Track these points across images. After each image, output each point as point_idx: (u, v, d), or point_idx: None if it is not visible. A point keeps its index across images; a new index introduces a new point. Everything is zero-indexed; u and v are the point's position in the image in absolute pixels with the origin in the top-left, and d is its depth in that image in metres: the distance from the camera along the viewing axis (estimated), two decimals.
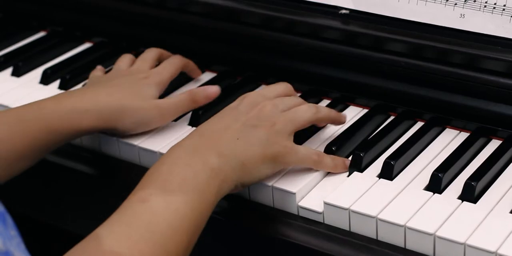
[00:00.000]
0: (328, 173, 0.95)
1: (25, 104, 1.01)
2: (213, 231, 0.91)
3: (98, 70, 1.14)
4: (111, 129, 1.02)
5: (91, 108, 0.99)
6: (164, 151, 1.00)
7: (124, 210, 0.82)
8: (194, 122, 1.07)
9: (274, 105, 0.94)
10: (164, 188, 0.83)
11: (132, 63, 1.12)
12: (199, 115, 1.06)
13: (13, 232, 0.63)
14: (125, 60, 1.13)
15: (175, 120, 1.07)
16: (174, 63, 1.10)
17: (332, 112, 0.99)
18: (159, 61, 1.13)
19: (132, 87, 1.03)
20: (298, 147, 0.93)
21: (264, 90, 0.99)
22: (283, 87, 1.00)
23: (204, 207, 0.84)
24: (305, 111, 0.95)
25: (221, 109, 0.97)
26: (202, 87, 1.07)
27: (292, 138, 0.93)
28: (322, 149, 0.98)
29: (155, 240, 0.79)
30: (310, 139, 1.02)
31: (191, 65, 1.14)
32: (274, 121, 0.92)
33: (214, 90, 1.06)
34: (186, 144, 0.90)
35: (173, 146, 0.90)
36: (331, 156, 0.96)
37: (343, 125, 1.04)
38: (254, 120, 0.92)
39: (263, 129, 0.91)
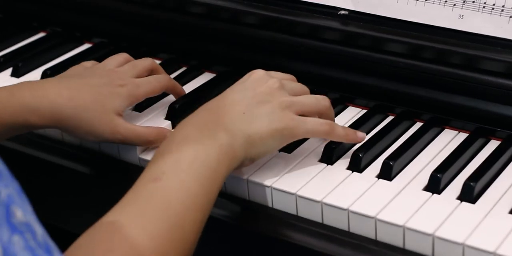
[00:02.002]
0: (328, 174, 0.95)
1: None
2: (213, 231, 0.91)
3: (89, 63, 1.09)
4: (61, 130, 1.00)
5: (44, 107, 0.96)
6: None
7: (137, 190, 0.82)
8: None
9: (281, 84, 0.94)
10: (176, 167, 0.83)
11: (124, 64, 1.08)
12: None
13: (29, 207, 0.64)
14: (117, 58, 1.08)
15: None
16: (159, 81, 1.05)
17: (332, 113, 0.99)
18: (149, 74, 1.07)
19: (98, 93, 0.99)
20: (305, 118, 0.93)
21: (271, 72, 0.98)
22: (290, 76, 1.00)
23: (215, 183, 0.85)
24: (317, 100, 0.96)
25: None
26: (169, 130, 1.03)
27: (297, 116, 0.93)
28: (321, 149, 0.98)
29: (170, 218, 0.79)
30: (310, 139, 1.01)
31: (177, 89, 1.09)
32: (282, 99, 0.92)
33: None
34: (195, 121, 0.90)
35: (182, 122, 0.90)
36: (344, 127, 0.97)
37: (342, 125, 1.03)
38: (261, 96, 0.92)
39: (270, 104, 0.91)
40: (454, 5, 1.01)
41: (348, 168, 0.96)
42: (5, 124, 0.96)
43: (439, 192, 0.91)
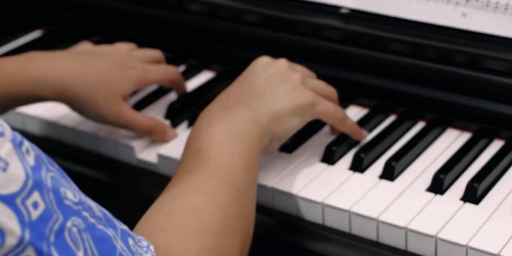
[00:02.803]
0: (328, 174, 0.95)
1: None
2: None
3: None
4: (69, 106, 1.00)
5: (54, 81, 0.97)
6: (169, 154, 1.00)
7: (183, 166, 0.83)
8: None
9: (289, 65, 0.95)
10: (212, 140, 0.84)
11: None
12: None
13: (75, 185, 0.64)
14: (126, 44, 1.10)
15: (176, 125, 1.07)
16: (168, 72, 1.06)
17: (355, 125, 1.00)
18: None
19: (109, 73, 0.99)
20: (325, 99, 0.94)
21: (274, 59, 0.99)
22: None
23: (253, 151, 0.86)
24: (329, 87, 0.97)
25: None
26: (167, 126, 1.03)
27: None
28: (322, 149, 0.98)
29: (222, 183, 0.80)
30: (311, 138, 1.01)
31: (182, 85, 1.09)
32: (296, 75, 0.93)
33: (173, 135, 1.03)
34: (218, 106, 0.90)
35: (202, 113, 0.90)
36: (354, 121, 0.98)
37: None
38: (277, 76, 0.93)
39: (288, 82, 0.92)
40: (457, 3, 1.01)
41: (350, 169, 0.96)
42: (13, 95, 0.96)
43: (442, 193, 0.90)
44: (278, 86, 0.92)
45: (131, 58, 1.04)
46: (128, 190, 0.84)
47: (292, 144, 0.98)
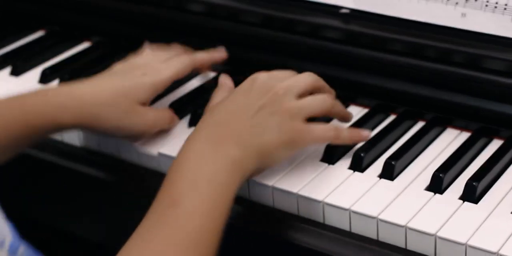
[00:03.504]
0: (329, 173, 0.95)
1: (8, 97, 0.99)
2: None
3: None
4: (92, 128, 0.99)
5: (73, 106, 0.96)
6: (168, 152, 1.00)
7: (155, 217, 0.81)
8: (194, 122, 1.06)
9: (287, 89, 0.92)
10: (192, 188, 0.83)
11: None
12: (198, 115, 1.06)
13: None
14: (148, 49, 1.09)
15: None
16: (182, 62, 1.05)
17: (344, 110, 1.00)
18: None
19: (121, 86, 0.99)
20: (313, 127, 0.92)
21: (273, 72, 0.96)
22: (291, 72, 0.98)
23: (229, 200, 0.85)
24: (323, 101, 0.94)
25: None
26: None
27: (305, 121, 0.92)
28: (322, 148, 0.98)
29: (189, 245, 0.79)
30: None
31: (205, 64, 1.09)
32: (289, 106, 0.91)
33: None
34: (205, 135, 0.88)
35: (191, 138, 0.89)
36: (348, 129, 0.97)
37: (344, 124, 1.04)
38: (268, 106, 0.91)
39: (278, 115, 0.90)
40: (457, 3, 1.01)
41: (350, 168, 0.96)
42: (33, 126, 0.96)
43: (441, 192, 0.90)
44: (269, 118, 0.90)
45: (140, 65, 1.03)
46: (129, 189, 0.84)
47: None
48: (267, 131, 0.89)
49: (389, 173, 0.94)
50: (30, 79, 1.22)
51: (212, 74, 1.18)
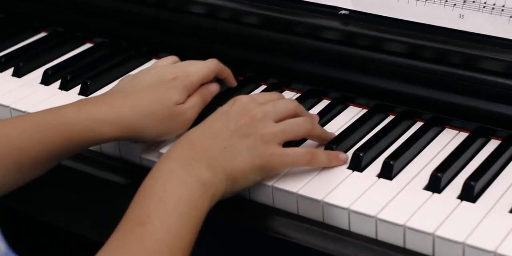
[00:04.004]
0: (328, 173, 0.95)
1: (44, 110, 0.99)
2: (213, 231, 0.91)
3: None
4: (132, 139, 1.00)
5: (112, 119, 0.96)
6: None
7: (124, 235, 0.81)
8: None
9: (265, 113, 0.93)
10: (161, 208, 0.83)
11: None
12: None
13: None
14: (167, 59, 1.10)
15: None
16: (208, 66, 1.06)
17: (324, 132, 0.99)
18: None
19: (155, 93, 0.99)
20: (287, 151, 0.92)
21: (255, 95, 0.97)
22: (276, 95, 0.98)
23: (198, 221, 0.85)
24: (299, 126, 0.94)
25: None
26: (204, 85, 1.05)
27: (281, 145, 0.92)
28: (321, 148, 0.98)
29: None
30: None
31: (226, 72, 1.10)
32: (264, 131, 0.91)
33: (215, 87, 1.06)
34: (178, 156, 0.89)
35: (164, 157, 0.89)
36: (325, 151, 0.96)
37: (343, 124, 1.04)
38: (243, 129, 0.91)
39: (252, 139, 0.90)
40: (455, 5, 1.01)
41: (349, 168, 0.96)
42: (74, 139, 0.96)
43: (439, 192, 0.91)
44: (241, 142, 0.90)
45: (171, 70, 1.04)
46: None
47: (292, 144, 0.99)
48: (238, 155, 0.89)
49: (387, 172, 0.94)
50: (32, 80, 1.22)
51: None
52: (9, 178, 0.94)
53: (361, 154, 0.96)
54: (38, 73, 1.23)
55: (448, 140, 1.00)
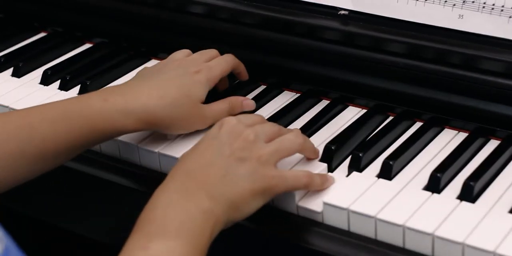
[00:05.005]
0: (328, 173, 0.96)
1: (71, 98, 0.99)
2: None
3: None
4: (153, 130, 1.01)
5: (139, 110, 0.96)
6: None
7: None
8: None
9: (256, 133, 0.91)
10: (162, 233, 0.82)
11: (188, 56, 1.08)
12: None
13: None
14: (182, 52, 1.09)
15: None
16: (227, 61, 1.06)
17: (313, 146, 0.97)
18: None
19: (182, 85, 0.99)
20: (285, 174, 0.90)
21: (240, 116, 0.94)
22: (259, 116, 0.97)
23: (201, 250, 0.83)
24: (291, 142, 0.92)
25: None
26: (240, 97, 1.05)
27: (276, 166, 0.90)
28: (321, 148, 0.98)
29: None
30: (310, 139, 1.01)
31: (241, 66, 1.10)
32: (260, 153, 0.89)
33: (251, 104, 1.05)
34: (176, 186, 0.87)
35: (161, 187, 0.87)
36: (318, 174, 0.93)
37: (342, 125, 1.04)
38: (238, 152, 0.88)
39: (249, 162, 0.88)
40: (454, 5, 1.02)
41: (348, 168, 0.96)
42: (99, 129, 0.96)
43: (439, 192, 0.91)
44: (239, 167, 0.87)
45: (193, 63, 1.04)
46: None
47: None
48: (238, 181, 0.87)
49: (387, 173, 0.94)
50: (32, 80, 1.22)
51: None
52: (34, 166, 0.94)
53: (360, 154, 0.96)
54: (38, 73, 1.24)
55: (447, 140, 1.01)
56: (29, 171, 0.95)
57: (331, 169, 0.97)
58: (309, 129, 1.03)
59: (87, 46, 1.31)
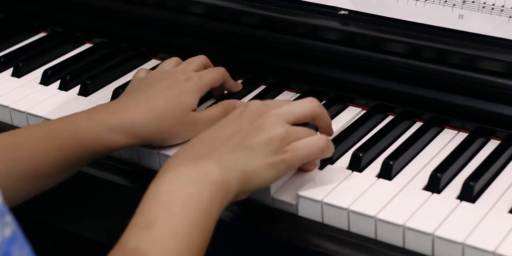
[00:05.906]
0: (328, 173, 0.96)
1: (57, 118, 0.99)
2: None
3: (142, 72, 1.07)
4: (147, 144, 0.99)
5: (126, 126, 0.95)
6: None
7: (129, 239, 0.79)
8: None
9: (278, 114, 0.90)
10: (167, 211, 0.80)
11: (177, 65, 1.07)
12: None
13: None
14: (170, 61, 1.08)
15: None
16: (218, 71, 1.06)
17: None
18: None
19: (171, 96, 0.98)
20: (299, 144, 0.89)
21: (269, 101, 0.94)
22: (286, 101, 0.95)
23: (209, 224, 0.82)
24: (311, 145, 0.90)
25: None
26: (233, 100, 1.05)
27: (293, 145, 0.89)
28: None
29: None
30: None
31: (231, 81, 1.09)
32: (278, 129, 0.88)
33: (240, 103, 1.05)
34: (186, 155, 0.86)
35: (174, 155, 0.87)
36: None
37: (343, 125, 1.04)
38: (257, 128, 0.88)
39: (267, 137, 0.87)
40: (454, 5, 1.02)
41: (348, 168, 0.96)
42: (89, 148, 0.95)
43: (439, 192, 0.91)
44: (256, 140, 0.87)
45: (182, 72, 1.03)
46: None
47: None
48: (252, 153, 0.86)
49: (387, 173, 0.94)
50: (32, 80, 1.22)
51: None
52: (23, 186, 0.93)
53: (360, 154, 0.96)
54: (38, 73, 1.24)
55: (447, 140, 1.01)
56: (20, 191, 0.94)
57: None
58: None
59: (87, 46, 1.31)
